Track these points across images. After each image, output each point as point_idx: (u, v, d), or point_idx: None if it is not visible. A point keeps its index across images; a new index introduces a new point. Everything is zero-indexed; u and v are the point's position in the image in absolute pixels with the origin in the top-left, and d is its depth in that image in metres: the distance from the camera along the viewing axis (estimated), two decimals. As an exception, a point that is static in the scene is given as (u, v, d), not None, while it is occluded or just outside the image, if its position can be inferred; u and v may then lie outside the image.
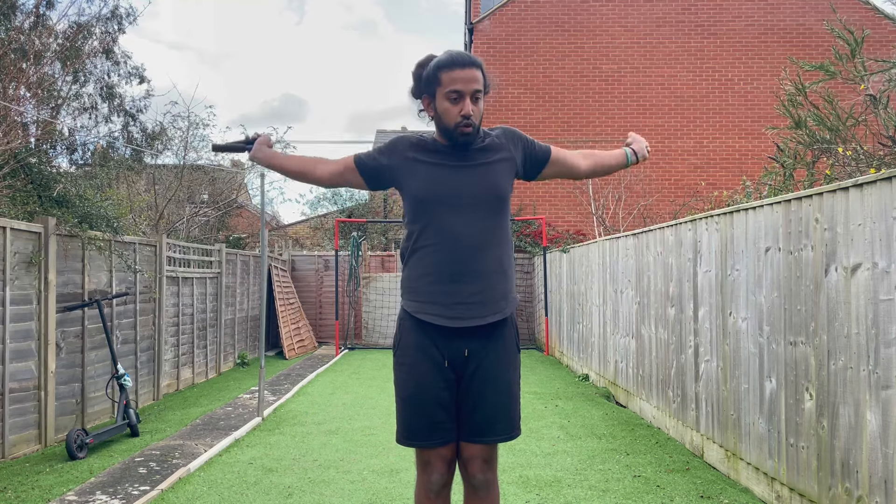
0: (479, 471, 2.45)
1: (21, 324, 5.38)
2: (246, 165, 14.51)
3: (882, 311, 3.04)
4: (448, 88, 2.35)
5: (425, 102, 2.46)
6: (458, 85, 2.34)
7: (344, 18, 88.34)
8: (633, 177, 13.81)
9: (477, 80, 2.36)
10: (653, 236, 6.20)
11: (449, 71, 2.35)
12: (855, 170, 4.68)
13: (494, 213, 2.43)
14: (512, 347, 2.50)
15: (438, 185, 2.40)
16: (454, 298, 2.37)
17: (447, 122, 2.38)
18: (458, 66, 2.35)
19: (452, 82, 2.34)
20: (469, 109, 2.34)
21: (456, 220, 2.38)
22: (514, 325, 2.52)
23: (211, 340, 9.66)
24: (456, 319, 2.37)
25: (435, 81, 2.38)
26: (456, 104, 2.35)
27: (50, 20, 7.76)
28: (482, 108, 2.41)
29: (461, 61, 2.35)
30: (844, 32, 4.97)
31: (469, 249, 2.37)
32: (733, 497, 4.17)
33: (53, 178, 6.22)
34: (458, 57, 2.37)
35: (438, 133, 2.48)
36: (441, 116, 2.40)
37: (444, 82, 2.36)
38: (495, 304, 2.41)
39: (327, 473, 4.72)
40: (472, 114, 2.35)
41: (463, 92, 2.34)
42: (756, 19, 14.41)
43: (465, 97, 2.35)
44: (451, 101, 2.35)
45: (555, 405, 7.05)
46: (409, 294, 2.48)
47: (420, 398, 2.42)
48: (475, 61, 2.38)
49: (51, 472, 4.89)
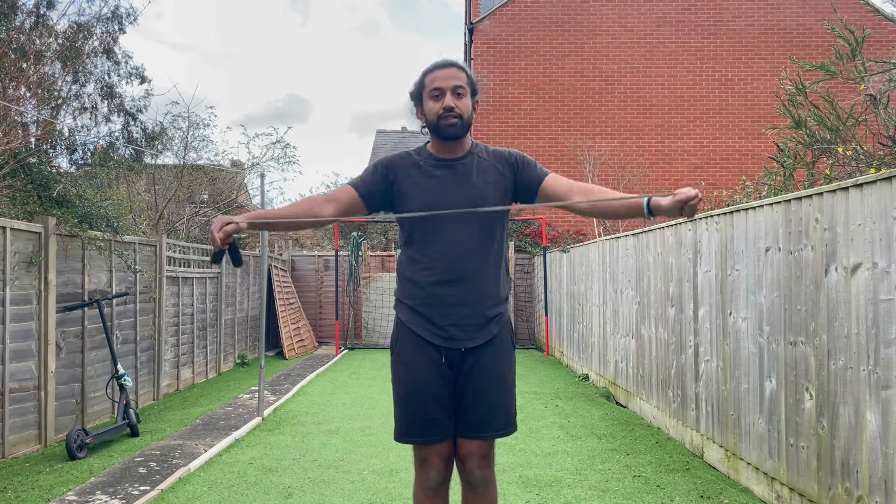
0: (476, 467, 2.49)
1: (21, 324, 5.38)
2: (246, 166, 14.51)
3: (882, 311, 3.04)
4: (430, 87, 2.48)
5: (418, 112, 2.57)
6: (438, 83, 2.47)
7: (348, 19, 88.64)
8: (633, 177, 13.81)
9: (457, 77, 2.49)
10: (653, 236, 6.20)
11: (431, 73, 2.51)
12: (855, 170, 4.68)
13: (486, 232, 2.48)
14: (507, 345, 2.56)
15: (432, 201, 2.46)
16: (447, 320, 2.46)
17: (431, 118, 2.49)
18: (438, 67, 2.51)
19: (433, 81, 2.49)
20: (450, 102, 2.45)
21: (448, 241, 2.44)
22: (509, 323, 2.58)
23: (211, 340, 9.66)
24: (449, 340, 2.46)
25: (421, 86, 2.53)
26: (438, 100, 2.47)
27: (50, 20, 7.76)
28: (469, 104, 2.51)
29: (441, 63, 2.52)
30: (845, 32, 4.97)
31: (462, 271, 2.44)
32: (733, 497, 4.17)
33: (53, 178, 6.21)
34: (440, 61, 2.54)
35: (431, 137, 2.56)
36: (427, 115, 2.51)
37: (426, 84, 2.50)
38: (487, 327, 2.49)
39: (327, 473, 4.72)
40: (454, 106, 2.45)
41: (443, 88, 2.47)
42: (756, 19, 14.41)
43: (446, 92, 2.46)
44: (434, 98, 2.48)
45: (555, 405, 7.05)
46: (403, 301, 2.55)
47: (417, 395, 2.47)
48: (455, 62, 2.53)
49: (51, 472, 4.89)
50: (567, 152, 14.34)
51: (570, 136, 14.39)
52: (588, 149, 14.07)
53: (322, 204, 2.48)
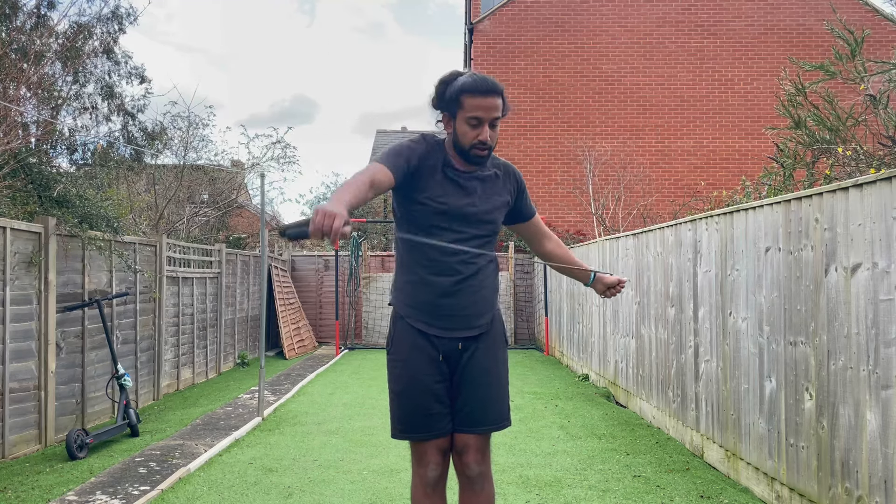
0: (473, 461, 2.52)
1: (21, 324, 5.39)
2: (246, 165, 14.50)
3: (882, 311, 3.05)
4: (469, 114, 2.40)
5: (445, 118, 2.51)
6: (479, 112, 2.40)
7: (354, 21, 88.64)
8: (633, 177, 13.81)
9: (497, 107, 2.42)
10: (653, 236, 6.20)
11: (472, 97, 2.39)
12: (855, 170, 4.68)
13: (487, 234, 2.56)
14: (501, 341, 2.64)
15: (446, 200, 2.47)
16: (444, 311, 2.49)
17: (463, 144, 2.45)
18: (481, 93, 2.39)
19: (474, 109, 2.40)
20: (487, 136, 2.42)
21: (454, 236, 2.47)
22: (500, 320, 2.66)
23: (211, 340, 9.66)
24: (446, 329, 2.50)
25: (457, 104, 2.43)
26: (475, 129, 2.42)
27: (51, 20, 7.76)
28: (498, 132, 2.48)
29: (484, 88, 2.39)
30: (844, 32, 4.98)
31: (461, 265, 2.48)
32: (733, 497, 4.17)
33: (53, 178, 6.21)
34: (482, 83, 2.40)
35: (451, 148, 2.52)
36: (459, 137, 2.45)
37: (465, 107, 2.41)
38: (482, 317, 2.55)
39: (327, 473, 4.72)
40: (489, 140, 2.42)
41: (483, 119, 2.41)
42: (756, 19, 14.41)
43: (485, 124, 2.41)
44: (471, 126, 2.42)
45: (555, 405, 7.05)
46: (400, 296, 2.57)
47: (415, 391, 2.49)
48: (497, 88, 2.43)
49: (51, 472, 4.89)
50: (567, 152, 14.35)
51: (570, 136, 14.40)
52: (588, 149, 14.08)
53: (377, 174, 2.25)
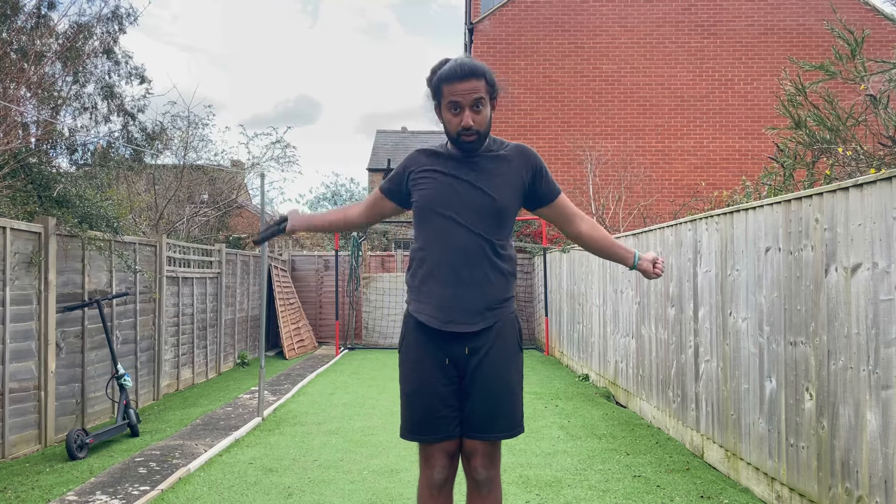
0: (481, 466, 2.50)
1: (21, 324, 5.38)
2: (246, 165, 14.50)
3: (882, 311, 3.05)
4: (448, 100, 2.41)
5: (436, 110, 2.53)
6: (456, 97, 2.39)
7: (356, 22, 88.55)
8: (634, 177, 13.81)
9: (476, 89, 2.39)
10: (653, 236, 6.20)
11: (448, 84, 2.40)
12: (855, 170, 4.68)
13: (495, 223, 2.48)
14: (513, 347, 2.55)
15: (441, 194, 2.47)
16: (449, 302, 2.44)
17: (450, 132, 2.46)
18: (457, 78, 2.38)
19: (451, 95, 2.40)
20: (468, 121, 2.40)
21: (456, 228, 2.45)
22: (514, 325, 2.56)
23: (211, 340, 9.66)
24: (449, 323, 2.45)
25: (438, 93, 2.44)
26: (457, 115, 2.42)
27: (51, 20, 7.76)
28: (488, 113, 2.45)
29: (459, 73, 2.38)
30: (844, 32, 4.97)
31: (466, 257, 2.44)
32: (733, 497, 4.17)
33: (53, 178, 6.21)
34: (458, 69, 2.39)
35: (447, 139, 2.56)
36: (446, 126, 2.47)
37: (444, 94, 2.42)
38: (489, 312, 2.47)
39: (327, 473, 4.72)
40: (472, 124, 2.40)
41: (462, 104, 2.39)
42: (756, 19, 14.41)
43: (465, 109, 2.40)
44: (453, 113, 2.42)
45: (555, 405, 7.05)
46: (411, 294, 2.58)
47: (422, 394, 2.49)
48: (475, 71, 2.39)
49: (51, 472, 4.89)
50: (567, 152, 14.34)
51: (570, 136, 14.40)
52: (588, 149, 14.08)
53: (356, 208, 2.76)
